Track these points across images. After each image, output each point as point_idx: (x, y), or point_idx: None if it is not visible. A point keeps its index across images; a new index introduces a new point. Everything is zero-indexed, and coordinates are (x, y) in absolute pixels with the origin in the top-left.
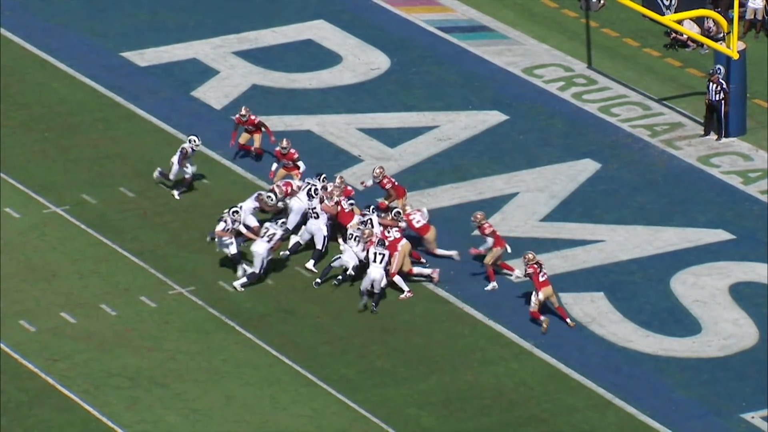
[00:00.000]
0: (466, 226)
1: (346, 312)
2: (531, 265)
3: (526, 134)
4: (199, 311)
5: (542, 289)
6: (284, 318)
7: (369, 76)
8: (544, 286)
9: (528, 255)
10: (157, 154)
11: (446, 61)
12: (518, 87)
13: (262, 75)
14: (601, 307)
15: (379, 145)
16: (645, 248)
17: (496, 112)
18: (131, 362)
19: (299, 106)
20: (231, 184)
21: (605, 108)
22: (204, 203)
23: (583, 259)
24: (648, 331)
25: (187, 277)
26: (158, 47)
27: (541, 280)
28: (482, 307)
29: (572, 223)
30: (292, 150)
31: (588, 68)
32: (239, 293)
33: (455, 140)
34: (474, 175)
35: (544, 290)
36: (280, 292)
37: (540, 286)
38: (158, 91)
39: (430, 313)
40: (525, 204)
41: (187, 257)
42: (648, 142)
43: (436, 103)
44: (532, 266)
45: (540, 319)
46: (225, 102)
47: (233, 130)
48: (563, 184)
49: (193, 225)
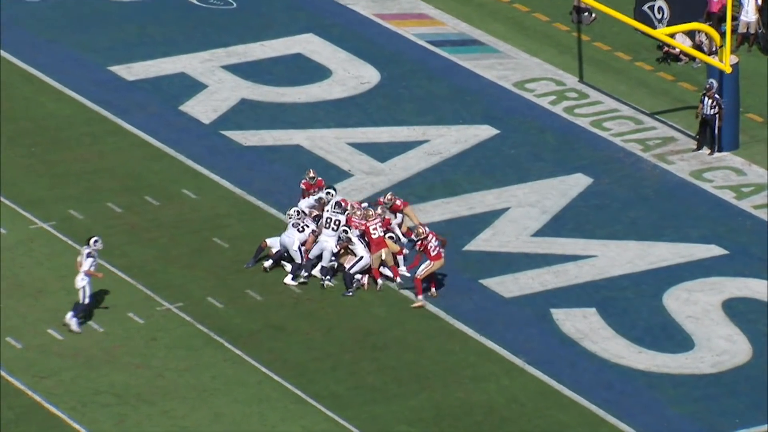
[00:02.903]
0: (457, 241)
1: (336, 328)
2: (420, 242)
3: (518, 149)
4: (188, 327)
5: (436, 262)
6: (273, 334)
7: (359, 90)
8: (438, 259)
9: (419, 229)
10: (145, 169)
11: (437, 75)
12: (509, 101)
13: (251, 89)
14: (593, 323)
15: (369, 159)
16: (637, 264)
17: (486, 126)
18: (119, 379)
19: (288, 120)
20: (220, 200)
21: (597, 122)
22: (192, 219)
23: (574, 274)
24: (640, 347)
25: (176, 293)
26: (146, 61)
27: (433, 254)
28: (473, 323)
29: (564, 238)
30: (319, 178)
31: (579, 82)
32: (228, 310)
33: (446, 155)
34: (465, 189)
35: (437, 263)
36: (269, 308)
37: (434, 259)
38: (146, 106)
39: (420, 329)
40: (516, 219)
41: (175, 273)
42: (640, 157)
43: (426, 118)
44: (421, 243)
45: (419, 297)
46: (213, 116)
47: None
48: (555, 199)
49: (182, 240)
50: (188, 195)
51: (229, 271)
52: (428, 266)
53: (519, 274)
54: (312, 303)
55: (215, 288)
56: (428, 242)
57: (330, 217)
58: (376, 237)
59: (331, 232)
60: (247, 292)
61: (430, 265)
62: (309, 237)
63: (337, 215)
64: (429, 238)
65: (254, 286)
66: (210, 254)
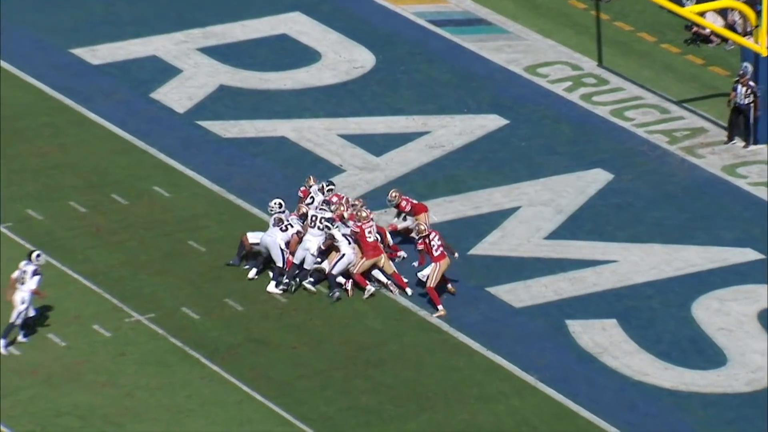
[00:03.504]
0: (462, 244)
1: (326, 342)
2: (421, 240)
3: (529, 141)
4: (160, 341)
5: (441, 262)
6: (256, 349)
7: (351, 76)
8: (442, 259)
9: (419, 227)
10: (112, 164)
11: (438, 59)
12: (520, 88)
13: (230, 74)
14: (614, 336)
15: (363, 153)
16: (663, 269)
17: (494, 116)
18: (83, 399)
19: (272, 109)
20: (196, 198)
21: (618, 111)
22: (165, 219)
23: (593, 281)
24: (667, 363)
25: (146, 302)
26: (113, 43)
27: (436, 254)
28: (479, 336)
29: (581, 241)
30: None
31: (598, 66)
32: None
33: (449, 148)
34: (470, 187)
35: (444, 263)
36: (251, 320)
37: (437, 260)
38: (113, 93)
39: (420, 343)
40: (528, 219)
41: (145, 280)
42: (666, 150)
43: (427, 106)
44: (422, 241)
45: (439, 307)
46: (188, 105)
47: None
48: (571, 198)
49: (153, 244)
50: (160, 193)
51: (206, 278)
52: (435, 270)
53: (531, 282)
54: (299, 314)
55: (190, 297)
56: (431, 240)
57: (316, 214)
58: (371, 240)
59: (316, 231)
60: (226, 301)
61: (437, 268)
62: (293, 238)
63: (323, 212)
64: (431, 236)
65: (234, 294)
66: (184, 259)
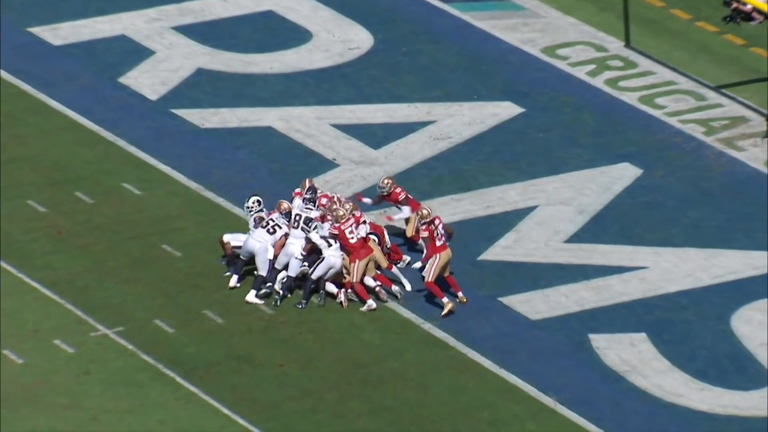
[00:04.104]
0: (471, 249)
1: (317, 359)
2: (425, 226)
3: (547, 132)
4: (130, 358)
5: (441, 254)
6: (238, 367)
7: (346, 58)
8: (443, 250)
9: (422, 211)
10: (76, 158)
11: (445, 39)
12: (537, 72)
13: (209, 56)
14: (644, 352)
15: (360, 145)
16: (699, 277)
17: (508, 103)
18: (43, 424)
19: (257, 96)
20: (170, 196)
21: (647, 98)
22: (135, 220)
23: (619, 290)
24: (703, 382)
25: (114, 314)
26: (77, 21)
27: (438, 245)
28: (491, 353)
29: (606, 244)
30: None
31: (626, 47)
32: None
33: (456, 139)
34: (480, 183)
35: (444, 255)
36: (232, 334)
37: (438, 251)
38: (77, 77)
39: (424, 361)
40: (546, 220)
41: (113, 289)
42: (702, 142)
43: (431, 93)
44: (426, 227)
45: (444, 300)
46: (162, 91)
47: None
48: (594, 196)
49: (122, 248)
50: (130, 190)
51: (181, 286)
52: (434, 262)
53: (549, 291)
54: (287, 327)
55: (164, 308)
56: (435, 228)
57: (299, 214)
58: (354, 242)
59: (299, 233)
60: (204, 313)
61: (437, 260)
62: (279, 240)
63: (308, 212)
64: (436, 222)
65: (214, 305)
66: (158, 265)
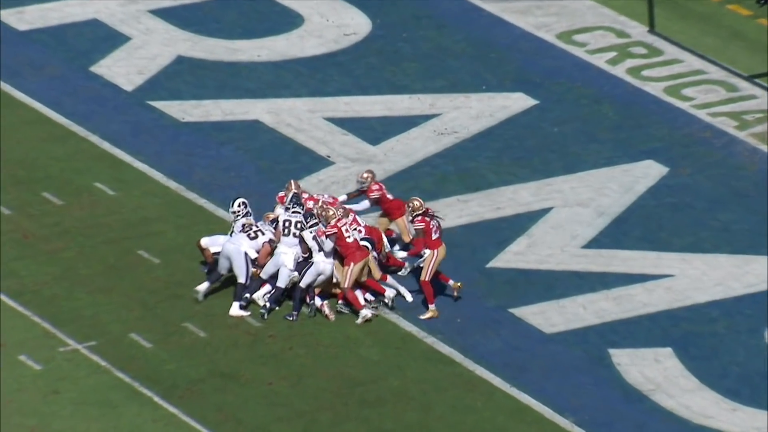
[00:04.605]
0: (479, 255)
1: (310, 376)
2: (420, 218)
3: (563, 126)
4: (102, 376)
5: (439, 249)
6: (223, 385)
7: (341, 45)
8: (439, 245)
9: (414, 202)
10: (44, 155)
11: (450, 24)
12: (552, 60)
13: (190, 43)
14: (670, 368)
15: (357, 141)
16: (730, 286)
17: (520, 94)
18: None
19: (243, 86)
20: (148, 197)
21: (674, 89)
22: (109, 223)
23: (643, 301)
24: (735, 402)
25: (86, 327)
26: (44, 4)
27: (434, 239)
28: (501, 370)
29: (628, 250)
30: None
31: (650, 33)
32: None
33: (463, 134)
34: (490, 183)
35: (441, 250)
36: (216, 349)
37: (434, 246)
38: (44, 66)
39: (427, 378)
40: (561, 224)
41: (85, 300)
42: (734, 137)
43: (435, 83)
44: (422, 219)
45: (431, 306)
46: (139, 81)
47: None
48: (615, 196)
49: (94, 254)
50: (103, 191)
51: (160, 296)
52: (431, 259)
53: (565, 301)
54: (276, 341)
55: (141, 320)
56: (431, 219)
57: (289, 219)
58: (351, 241)
59: (291, 240)
60: (185, 325)
61: (433, 256)
62: (264, 247)
63: (297, 216)
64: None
65: (195, 317)
66: (134, 273)
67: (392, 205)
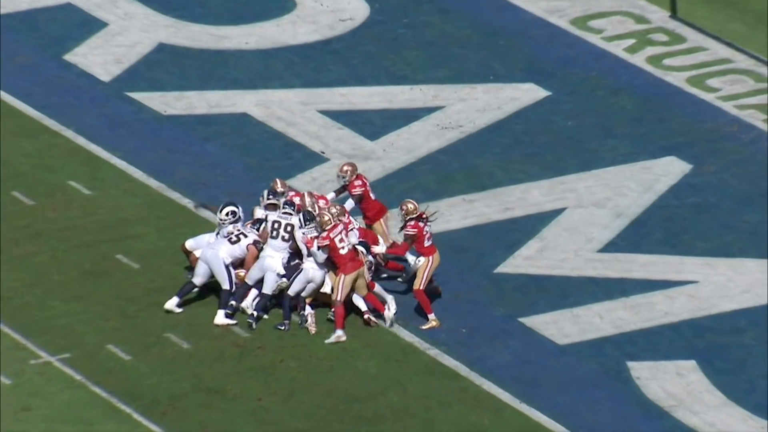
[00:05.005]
0: (487, 259)
1: (302, 392)
2: (413, 223)
3: (578, 119)
4: (78, 390)
5: (433, 256)
6: (208, 400)
7: (337, 31)
8: (433, 252)
9: (407, 205)
10: (13, 151)
11: (455, 8)
12: (565, 47)
13: (173, 29)
14: (693, 383)
15: (353, 135)
16: (759, 293)
17: (530, 85)
18: None
19: (230, 76)
20: (126, 197)
21: (697, 79)
22: (85, 225)
23: (664, 309)
24: (763, 419)
25: (59, 338)
26: None
27: (427, 245)
28: (511, 384)
29: (648, 255)
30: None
31: (672, 18)
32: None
33: (468, 129)
34: (498, 181)
35: (436, 257)
36: (201, 361)
37: (428, 252)
38: (14, 55)
39: (431, 393)
40: (575, 225)
41: (58, 308)
42: (763, 131)
43: (439, 73)
44: (415, 224)
45: (431, 315)
46: (116, 71)
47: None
48: (634, 196)
49: (69, 259)
50: (78, 190)
51: (140, 304)
52: (428, 266)
53: (579, 309)
54: (265, 353)
55: (119, 330)
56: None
57: (278, 220)
58: (345, 252)
59: (279, 244)
60: (166, 336)
61: (428, 263)
62: (250, 250)
63: (287, 217)
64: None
65: (178, 327)
66: (111, 279)
67: (371, 206)
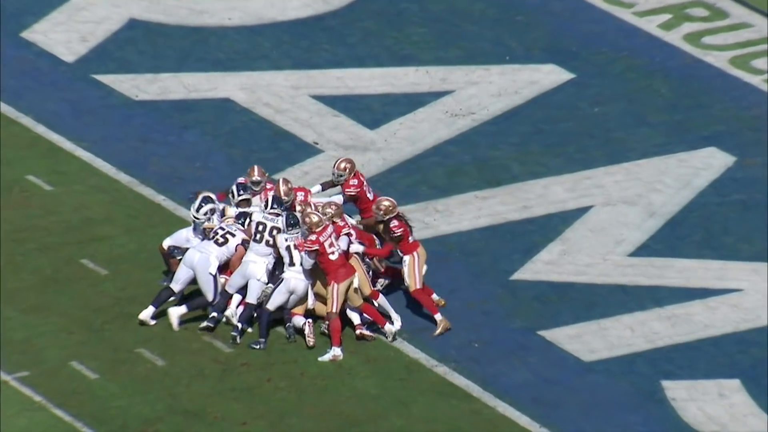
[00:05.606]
0: (502, 264)
1: (294, 414)
2: (398, 222)
3: (605, 105)
4: (38, 413)
5: (418, 251)
6: (185, 424)
7: (331, 6)
8: (417, 247)
9: (384, 203)
10: None
11: None
12: (591, 24)
13: (146, 3)
14: (737, 404)
15: (351, 123)
16: None
17: (551, 66)
18: None
19: (212, 57)
20: (93, 193)
21: (741, 60)
22: (45, 226)
23: (704, 321)
24: None
25: (17, 354)
26: None
27: (411, 242)
28: (529, 406)
29: (685, 259)
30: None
31: None
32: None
33: (482, 116)
34: (515, 176)
35: (422, 252)
36: (177, 381)
37: (411, 249)
38: None
39: (438, 416)
40: (603, 226)
41: (16, 319)
42: None
43: (448, 53)
44: (399, 222)
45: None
46: (82, 50)
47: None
48: (669, 193)
49: (27, 264)
50: (39, 185)
51: (108, 315)
52: (414, 265)
53: (607, 321)
54: (251, 371)
55: (85, 345)
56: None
57: (263, 222)
58: (336, 258)
59: (263, 249)
60: (139, 351)
61: (415, 260)
62: (237, 251)
63: (274, 219)
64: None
65: (152, 341)
66: (76, 287)
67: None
